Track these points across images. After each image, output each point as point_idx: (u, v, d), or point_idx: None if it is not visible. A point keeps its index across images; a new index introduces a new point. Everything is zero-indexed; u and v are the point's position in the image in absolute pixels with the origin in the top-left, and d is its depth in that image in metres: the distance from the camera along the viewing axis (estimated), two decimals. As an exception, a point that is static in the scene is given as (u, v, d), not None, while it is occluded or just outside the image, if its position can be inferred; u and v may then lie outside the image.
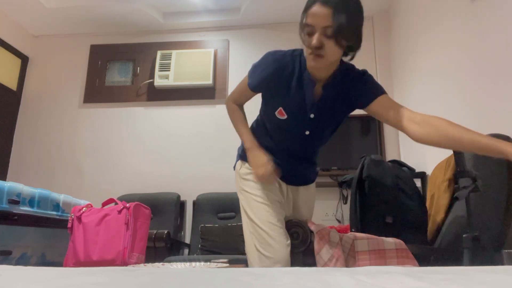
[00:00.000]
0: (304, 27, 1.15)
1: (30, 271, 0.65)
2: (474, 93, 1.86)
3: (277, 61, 1.27)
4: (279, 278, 0.57)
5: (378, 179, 1.78)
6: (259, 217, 1.36)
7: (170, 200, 3.07)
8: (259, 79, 1.32)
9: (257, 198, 1.39)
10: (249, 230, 1.38)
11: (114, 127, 3.51)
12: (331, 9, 1.09)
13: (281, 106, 1.31)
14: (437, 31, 2.31)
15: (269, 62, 1.29)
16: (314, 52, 1.15)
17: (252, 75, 1.35)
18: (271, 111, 1.35)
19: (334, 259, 1.33)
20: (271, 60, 1.29)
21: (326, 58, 1.17)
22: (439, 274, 0.60)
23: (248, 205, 1.40)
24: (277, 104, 1.32)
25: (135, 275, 0.60)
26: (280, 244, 1.33)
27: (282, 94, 1.30)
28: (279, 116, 1.33)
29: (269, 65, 1.28)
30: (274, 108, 1.33)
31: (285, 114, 1.31)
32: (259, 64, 1.34)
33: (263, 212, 1.36)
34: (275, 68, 1.27)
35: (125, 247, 1.92)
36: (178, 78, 3.45)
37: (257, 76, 1.32)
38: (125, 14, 3.50)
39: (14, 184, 1.92)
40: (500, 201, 1.42)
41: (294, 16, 3.57)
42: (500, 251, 1.34)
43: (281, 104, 1.31)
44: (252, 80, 1.35)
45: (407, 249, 1.37)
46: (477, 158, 1.49)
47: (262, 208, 1.37)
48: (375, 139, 3.16)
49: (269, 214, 1.36)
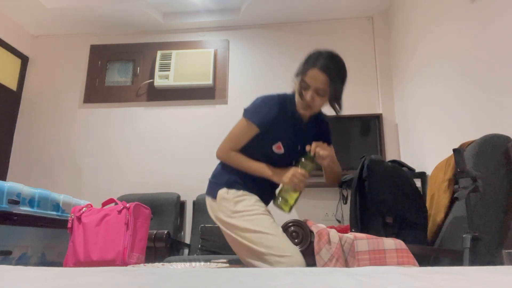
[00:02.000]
0: (301, 81, 1.44)
1: (30, 271, 0.65)
2: (474, 93, 1.86)
3: (279, 103, 1.48)
4: (279, 278, 0.57)
5: (378, 179, 1.78)
6: (263, 225, 1.40)
7: (170, 200, 3.07)
8: (268, 117, 1.47)
9: (256, 211, 1.44)
10: (255, 244, 1.38)
11: (114, 127, 3.51)
12: (327, 76, 1.39)
13: (280, 141, 1.50)
14: (437, 31, 2.31)
15: (274, 103, 1.48)
16: (305, 103, 1.45)
17: (258, 116, 1.48)
18: (267, 146, 1.51)
19: (334, 259, 1.33)
20: (275, 101, 1.48)
21: (313, 109, 1.50)
22: (439, 274, 0.60)
23: (247, 222, 1.42)
24: (276, 140, 1.50)
25: (135, 275, 0.60)
26: (291, 244, 1.40)
27: (282, 131, 1.50)
28: (276, 150, 1.51)
29: (274, 105, 1.48)
30: (273, 143, 1.51)
31: (282, 148, 1.51)
32: (262, 106, 1.49)
33: (265, 221, 1.43)
34: (279, 108, 1.48)
35: (125, 247, 1.91)
36: (178, 78, 3.45)
37: (264, 116, 1.47)
38: (125, 14, 3.50)
39: (14, 184, 1.92)
40: (500, 201, 1.42)
41: (294, 16, 3.58)
42: (500, 251, 1.34)
43: (280, 139, 1.50)
44: (260, 120, 1.48)
45: (407, 249, 1.37)
46: (477, 158, 1.49)
47: (263, 218, 1.43)
48: (375, 139, 3.16)
49: (271, 221, 1.45)
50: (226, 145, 1.53)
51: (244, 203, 1.46)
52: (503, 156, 1.44)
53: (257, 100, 1.53)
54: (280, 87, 3.41)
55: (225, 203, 1.49)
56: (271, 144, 1.51)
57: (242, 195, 1.49)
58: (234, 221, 1.44)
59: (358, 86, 3.36)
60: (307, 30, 3.58)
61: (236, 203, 1.47)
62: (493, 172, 1.44)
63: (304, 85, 1.43)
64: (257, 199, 1.51)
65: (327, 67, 1.39)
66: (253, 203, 1.47)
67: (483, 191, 1.27)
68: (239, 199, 1.48)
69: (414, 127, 2.75)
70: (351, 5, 3.38)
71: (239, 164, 1.51)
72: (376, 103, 3.32)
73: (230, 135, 1.54)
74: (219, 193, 1.51)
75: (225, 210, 1.48)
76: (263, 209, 1.48)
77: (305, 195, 3.18)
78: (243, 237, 1.42)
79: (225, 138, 1.54)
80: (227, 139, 1.54)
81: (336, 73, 1.42)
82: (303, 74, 1.43)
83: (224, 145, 1.54)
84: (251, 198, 1.49)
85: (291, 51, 3.54)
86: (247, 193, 1.50)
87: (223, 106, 3.47)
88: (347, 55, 3.42)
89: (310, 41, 3.55)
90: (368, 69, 3.38)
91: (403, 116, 3.03)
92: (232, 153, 1.52)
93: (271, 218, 1.47)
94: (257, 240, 1.38)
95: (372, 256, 1.35)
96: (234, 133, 1.53)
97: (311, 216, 3.09)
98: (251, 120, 1.48)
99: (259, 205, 1.49)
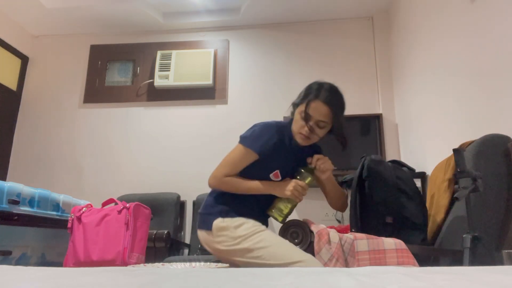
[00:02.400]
0: (302, 112, 1.43)
1: (30, 271, 0.65)
2: (474, 93, 1.86)
3: (279, 132, 1.49)
4: (279, 278, 0.57)
5: (378, 179, 1.78)
6: (271, 239, 1.41)
7: (170, 200, 3.07)
8: (269, 145, 1.46)
9: (258, 229, 1.43)
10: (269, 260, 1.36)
11: (114, 127, 3.51)
12: (331, 109, 1.42)
13: (278, 169, 1.49)
14: (437, 31, 2.31)
15: (273, 132, 1.48)
16: (304, 134, 1.45)
17: (258, 143, 1.46)
18: (265, 173, 1.49)
19: (334, 259, 1.33)
20: (275, 130, 1.48)
21: (312, 140, 1.50)
22: (439, 274, 0.60)
23: (255, 242, 1.40)
24: (274, 167, 1.49)
25: (135, 275, 0.60)
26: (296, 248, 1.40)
27: (281, 159, 1.49)
28: (274, 178, 1.49)
29: (274, 133, 1.47)
30: (271, 171, 1.49)
31: (279, 176, 1.49)
32: (263, 133, 1.47)
33: (271, 234, 1.43)
34: (278, 137, 1.48)
35: (125, 247, 1.91)
36: (178, 78, 3.45)
37: (264, 143, 1.46)
38: (125, 14, 3.50)
39: (14, 184, 1.92)
40: (500, 201, 1.42)
41: (294, 16, 3.58)
42: (500, 251, 1.34)
43: (278, 167, 1.49)
44: (261, 147, 1.46)
45: (407, 249, 1.37)
46: (477, 158, 1.49)
47: (268, 233, 1.44)
48: (375, 139, 3.16)
49: (276, 234, 1.45)
50: (221, 171, 1.48)
51: (244, 227, 1.44)
52: (503, 156, 1.44)
53: (255, 127, 1.51)
54: (280, 86, 3.43)
55: (224, 232, 1.44)
56: (269, 172, 1.50)
57: (238, 221, 1.46)
58: (241, 245, 1.40)
59: (358, 86, 3.36)
60: (307, 30, 3.58)
61: (236, 228, 1.44)
62: (493, 172, 1.44)
63: (306, 116, 1.44)
64: (254, 222, 1.48)
65: (330, 100, 1.42)
66: (252, 225, 1.45)
67: (483, 191, 1.27)
68: (238, 224, 1.45)
69: (414, 127, 2.75)
70: (351, 5, 3.37)
71: (235, 186, 1.47)
72: (376, 103, 3.32)
73: (226, 161, 1.49)
74: (214, 224, 1.46)
75: (227, 239, 1.43)
76: (264, 227, 1.48)
77: (305, 195, 3.17)
78: (255, 258, 1.38)
79: (220, 164, 1.50)
80: (222, 165, 1.49)
81: (339, 106, 1.47)
82: (308, 105, 1.43)
83: (219, 171, 1.49)
84: (248, 221, 1.47)
85: (291, 51, 3.55)
86: (243, 219, 1.47)
87: (223, 106, 3.47)
88: (347, 55, 3.48)
89: (310, 41, 3.55)
90: (368, 69, 3.38)
91: (403, 116, 3.03)
92: (227, 177, 1.47)
93: (274, 232, 1.46)
94: (270, 255, 1.36)
95: (372, 256, 1.35)
96: (231, 159, 1.49)
97: (311, 216, 3.08)
98: (252, 148, 1.46)
99: (258, 224, 1.47)
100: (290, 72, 3.49)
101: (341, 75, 3.41)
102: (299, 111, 1.46)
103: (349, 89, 3.47)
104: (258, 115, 3.29)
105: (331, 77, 3.38)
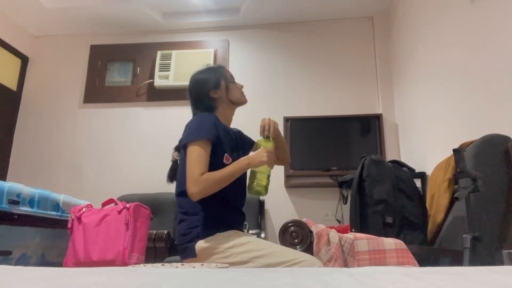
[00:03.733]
0: (229, 80, 1.59)
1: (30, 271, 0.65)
2: (474, 92, 1.86)
3: (212, 117, 1.48)
4: (279, 278, 0.57)
5: (378, 179, 1.78)
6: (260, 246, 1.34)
7: (170, 200, 3.06)
8: (211, 128, 1.43)
9: (249, 238, 1.37)
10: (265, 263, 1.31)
11: (114, 127, 3.51)
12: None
13: (226, 152, 1.46)
14: (437, 32, 2.31)
15: (211, 117, 1.48)
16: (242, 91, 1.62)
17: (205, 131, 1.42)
18: (219, 160, 1.44)
19: (333, 260, 1.33)
20: (208, 116, 1.48)
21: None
22: (439, 274, 0.60)
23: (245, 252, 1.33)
24: (223, 151, 1.45)
25: (135, 275, 0.60)
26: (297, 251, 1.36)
27: (224, 141, 1.47)
28: (226, 162, 1.44)
29: (211, 119, 1.46)
30: (222, 156, 1.45)
31: (230, 159, 1.46)
32: (204, 121, 1.45)
33: (260, 241, 1.37)
34: (215, 121, 1.47)
35: (125, 248, 1.91)
36: (178, 78, 3.45)
37: (209, 128, 1.43)
38: (125, 14, 3.50)
39: (14, 184, 1.92)
40: (500, 201, 1.42)
41: (294, 16, 3.58)
42: (500, 251, 1.34)
43: (226, 150, 1.47)
44: (210, 132, 1.42)
45: (407, 249, 1.37)
46: (477, 158, 1.49)
47: (256, 240, 1.38)
48: (375, 139, 3.16)
49: (266, 241, 1.40)
50: (194, 172, 1.34)
51: (233, 240, 1.37)
52: (503, 156, 1.44)
53: (192, 121, 1.47)
54: (280, 86, 3.43)
55: (209, 251, 1.36)
56: (221, 157, 1.44)
57: (220, 237, 1.38)
58: (231, 259, 1.33)
59: (358, 86, 3.36)
60: (307, 30, 3.58)
61: (223, 243, 1.36)
62: (493, 172, 1.44)
63: (231, 79, 1.60)
64: (236, 231, 1.42)
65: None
66: (241, 233, 1.40)
67: (483, 191, 1.27)
68: (222, 240, 1.37)
69: (414, 127, 2.75)
70: (351, 5, 3.37)
71: (215, 178, 1.35)
72: (376, 103, 3.32)
73: (191, 164, 1.36)
74: (197, 248, 1.36)
75: (215, 258, 1.35)
76: (250, 236, 1.41)
77: (305, 195, 3.18)
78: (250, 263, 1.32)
79: (188, 172, 1.36)
80: (191, 169, 1.36)
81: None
82: (225, 79, 1.58)
83: (191, 175, 1.35)
84: (230, 232, 1.40)
85: (291, 51, 3.55)
86: (223, 232, 1.39)
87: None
88: (347, 55, 3.48)
89: (310, 41, 3.55)
90: (368, 69, 3.38)
91: (403, 116, 3.03)
92: (204, 175, 1.35)
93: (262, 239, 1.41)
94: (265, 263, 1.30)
95: (372, 256, 1.35)
96: (194, 159, 1.37)
97: (311, 216, 3.09)
98: (201, 138, 1.39)
99: (243, 233, 1.41)
100: (290, 72, 3.49)
101: (341, 75, 3.41)
102: (224, 85, 1.56)
103: (349, 89, 3.51)
104: (257, 115, 3.27)
105: (331, 77, 3.42)
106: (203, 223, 1.40)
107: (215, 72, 1.61)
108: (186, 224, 1.45)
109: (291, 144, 3.18)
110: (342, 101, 3.35)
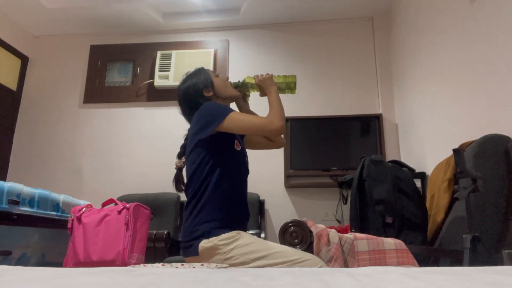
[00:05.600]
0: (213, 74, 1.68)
1: (30, 271, 0.65)
2: (474, 92, 1.86)
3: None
4: (278, 278, 0.57)
5: (378, 180, 1.78)
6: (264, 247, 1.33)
7: (170, 200, 3.06)
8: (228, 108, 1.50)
9: (253, 239, 1.36)
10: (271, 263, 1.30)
11: (114, 128, 3.51)
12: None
13: (236, 139, 1.52)
14: (437, 31, 2.31)
15: (215, 102, 1.56)
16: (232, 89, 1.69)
17: (224, 108, 1.49)
18: (230, 147, 1.49)
19: (333, 260, 1.33)
20: (213, 101, 1.58)
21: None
22: (439, 274, 0.60)
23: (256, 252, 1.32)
24: (233, 138, 1.50)
25: (135, 275, 0.60)
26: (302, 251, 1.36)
27: None
28: (237, 148, 1.50)
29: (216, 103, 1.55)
30: (233, 143, 1.50)
31: (240, 145, 1.52)
32: (214, 104, 1.52)
33: (263, 242, 1.37)
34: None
35: (125, 248, 1.91)
36: (178, 78, 3.42)
37: (224, 106, 1.51)
38: (125, 14, 3.50)
39: (14, 184, 1.92)
40: (500, 201, 1.42)
41: (294, 16, 3.58)
42: (500, 251, 1.34)
43: (236, 137, 1.52)
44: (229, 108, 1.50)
45: (407, 249, 1.37)
46: (477, 158, 1.49)
47: (260, 240, 1.38)
48: (375, 139, 3.16)
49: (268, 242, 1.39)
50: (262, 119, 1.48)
51: (236, 241, 1.35)
52: (503, 156, 1.44)
53: (206, 107, 1.51)
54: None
55: (211, 251, 1.34)
56: (232, 143, 1.50)
57: (224, 237, 1.36)
58: (232, 260, 1.32)
59: (358, 86, 3.36)
60: (307, 30, 3.58)
61: (226, 244, 1.34)
62: (493, 172, 1.44)
63: (214, 73, 1.69)
64: (239, 232, 1.39)
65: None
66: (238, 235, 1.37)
67: (483, 191, 1.27)
68: (226, 241, 1.35)
69: (414, 127, 2.75)
70: (351, 5, 3.38)
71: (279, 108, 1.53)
72: (376, 103, 3.32)
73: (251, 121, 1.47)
74: (200, 246, 1.36)
75: (217, 259, 1.34)
76: (253, 236, 1.40)
77: (305, 195, 3.18)
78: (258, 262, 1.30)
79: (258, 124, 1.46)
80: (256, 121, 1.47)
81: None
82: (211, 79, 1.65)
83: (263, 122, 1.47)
84: (233, 233, 1.38)
85: (291, 51, 3.55)
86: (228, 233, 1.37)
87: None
88: (347, 55, 3.48)
89: (310, 41, 3.55)
90: (368, 69, 3.38)
91: (403, 116, 3.03)
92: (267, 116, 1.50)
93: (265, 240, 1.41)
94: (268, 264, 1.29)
95: (372, 256, 1.35)
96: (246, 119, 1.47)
97: (311, 216, 3.09)
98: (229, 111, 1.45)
99: (247, 234, 1.39)
100: (290, 72, 3.48)
101: (341, 75, 3.41)
102: (217, 83, 1.64)
103: (349, 89, 3.51)
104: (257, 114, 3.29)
105: (331, 77, 3.42)
106: (210, 221, 1.40)
107: (199, 75, 1.68)
108: (193, 222, 1.44)
109: (291, 144, 3.18)
110: (342, 101, 3.35)
